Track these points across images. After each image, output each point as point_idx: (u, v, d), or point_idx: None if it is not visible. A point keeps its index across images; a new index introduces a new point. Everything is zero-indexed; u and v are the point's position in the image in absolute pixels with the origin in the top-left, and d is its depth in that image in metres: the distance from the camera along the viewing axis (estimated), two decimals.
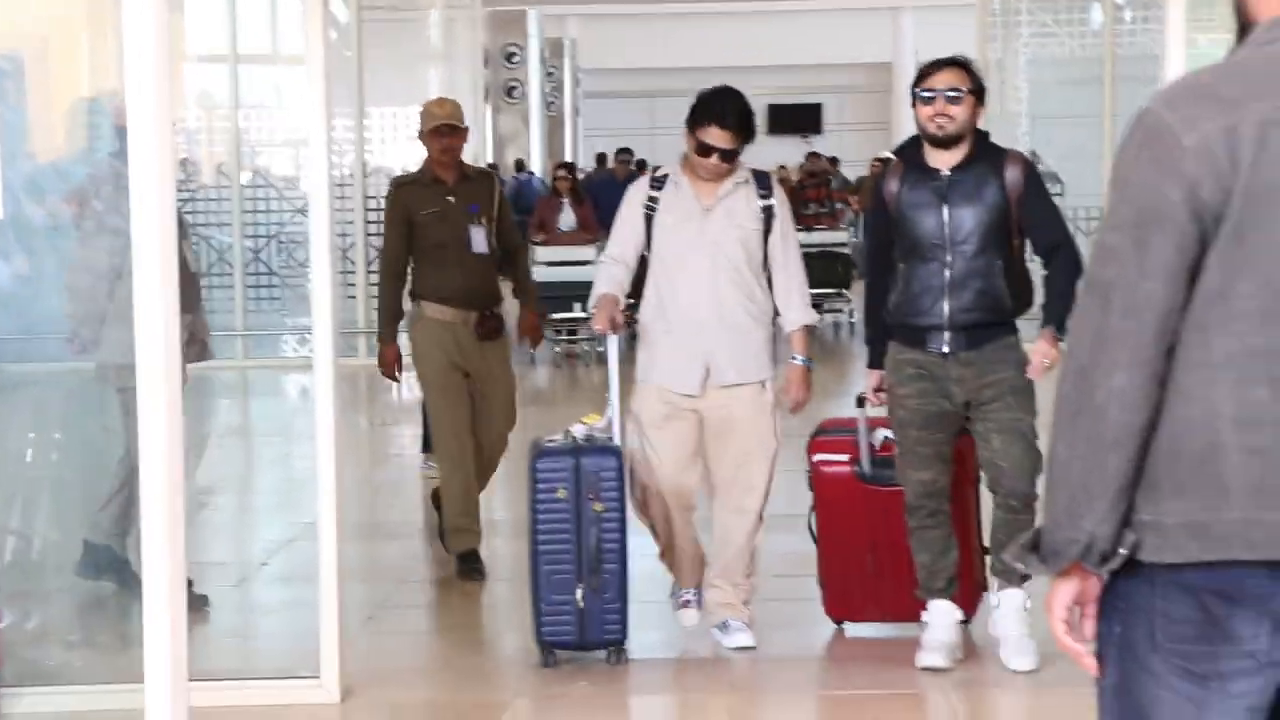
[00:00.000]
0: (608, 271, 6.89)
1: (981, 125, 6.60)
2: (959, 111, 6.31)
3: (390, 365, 8.47)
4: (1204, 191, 2.84)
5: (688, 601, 6.99)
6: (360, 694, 6.79)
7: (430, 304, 8.13)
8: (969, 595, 6.63)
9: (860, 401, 6.78)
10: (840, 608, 7.13)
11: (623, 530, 6.70)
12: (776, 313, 6.87)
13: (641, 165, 23.74)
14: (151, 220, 4.39)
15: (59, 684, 6.44)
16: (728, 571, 6.85)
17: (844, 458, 6.95)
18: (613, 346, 7.16)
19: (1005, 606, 6.37)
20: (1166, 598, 2.94)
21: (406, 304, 8.40)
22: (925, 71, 6.49)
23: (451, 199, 8.23)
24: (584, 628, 6.68)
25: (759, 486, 6.81)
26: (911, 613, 6.68)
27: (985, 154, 6.45)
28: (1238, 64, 3.08)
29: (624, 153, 24.61)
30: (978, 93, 6.45)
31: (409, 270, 8.32)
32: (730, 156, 6.64)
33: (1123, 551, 2.90)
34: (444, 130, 8.40)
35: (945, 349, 6.28)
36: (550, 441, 6.77)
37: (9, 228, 6.36)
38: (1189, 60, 6.82)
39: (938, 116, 6.20)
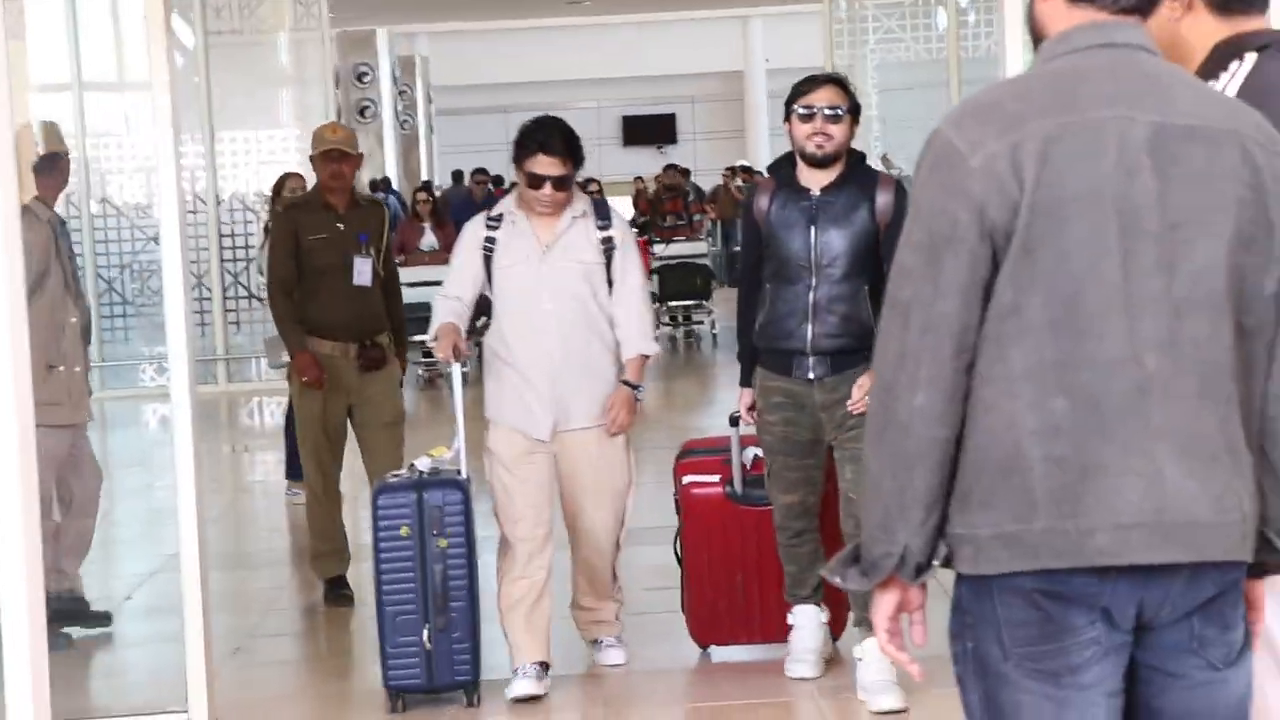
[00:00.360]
0: (447, 305, 6.80)
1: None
2: (838, 131, 6.25)
3: (310, 368, 8.15)
4: (992, 211, 2.95)
5: (521, 675, 6.69)
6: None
7: (311, 338, 8.03)
8: (837, 614, 6.67)
9: (734, 421, 6.70)
10: (707, 632, 7.13)
11: (471, 565, 6.64)
12: None
13: (499, 182, 23.86)
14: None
15: None
16: (595, 586, 6.87)
17: (714, 478, 6.94)
18: (456, 376, 7.12)
19: (868, 656, 6.30)
20: (1005, 605, 3.03)
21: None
22: (803, 88, 6.35)
23: (340, 226, 8.18)
24: (432, 670, 6.61)
25: (614, 525, 6.84)
26: (781, 634, 6.69)
27: (857, 176, 6.41)
28: (1024, 81, 3.26)
29: (480, 172, 24.76)
30: (854, 111, 6.39)
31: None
32: (563, 184, 6.60)
33: (936, 563, 3.02)
34: (334, 155, 8.35)
35: (810, 374, 6.24)
36: (394, 476, 6.77)
37: None
38: (1028, 62, 6.89)
39: (816, 135, 6.14)
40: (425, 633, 6.50)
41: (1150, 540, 3.03)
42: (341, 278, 7.94)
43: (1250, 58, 3.67)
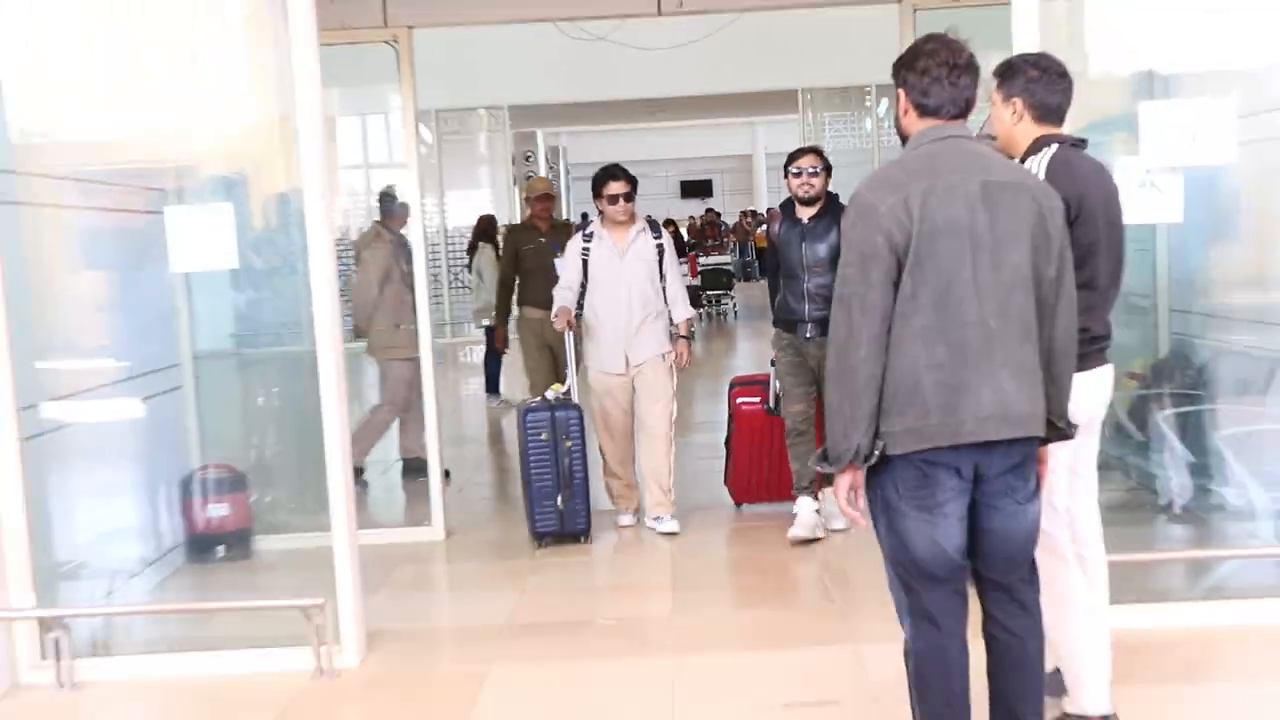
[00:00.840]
0: (561, 294, 8.36)
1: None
2: (817, 182, 7.87)
3: (501, 339, 11.83)
4: (895, 238, 3.96)
5: (623, 515, 8.64)
6: (458, 534, 8.72)
7: (529, 307, 10.32)
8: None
9: (773, 362, 8.16)
10: (742, 494, 8.98)
11: (584, 459, 8.20)
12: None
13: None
14: (322, 259, 6.04)
15: (287, 532, 7.84)
16: (657, 477, 8.42)
17: (756, 400, 8.70)
18: (569, 339, 8.53)
19: (802, 509, 7.99)
20: (901, 469, 4.07)
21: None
22: (794, 156, 8.01)
23: (543, 240, 10.58)
24: (563, 521, 8.16)
25: (664, 418, 8.42)
26: (787, 495, 8.30)
27: (832, 209, 7.78)
28: (903, 161, 4.22)
29: (584, 216, 28.90)
30: (828, 169, 7.98)
31: (515, 284, 10.76)
32: (628, 198, 8.34)
33: (876, 453, 4.02)
34: (544, 196, 11.20)
35: (807, 335, 7.80)
36: (532, 403, 8.40)
37: (242, 273, 7.24)
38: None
39: (803, 185, 7.88)
40: (559, 499, 8.11)
41: (999, 426, 4.01)
42: (545, 274, 9.53)
43: (1052, 148, 4.66)
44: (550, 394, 8.30)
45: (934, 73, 4.11)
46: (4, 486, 6.15)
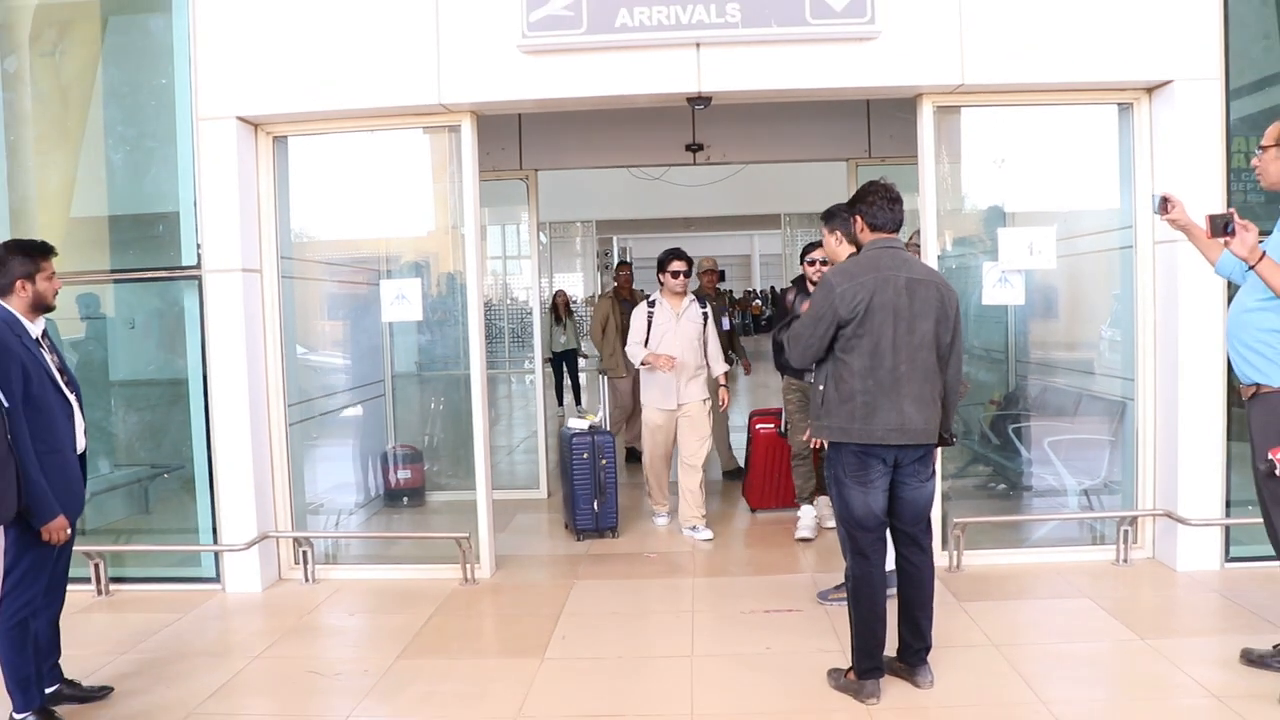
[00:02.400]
0: (635, 348, 7.24)
1: None
2: (823, 269, 6.47)
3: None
4: (840, 311, 4.24)
5: (659, 516, 7.59)
6: (556, 494, 8.38)
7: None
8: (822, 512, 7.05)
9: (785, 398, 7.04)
10: (757, 501, 7.85)
11: (615, 474, 7.29)
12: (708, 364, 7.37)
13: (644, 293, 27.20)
14: (474, 315, 6.27)
15: (447, 490, 7.53)
16: (693, 496, 7.26)
17: (771, 424, 7.69)
18: (604, 382, 8.39)
19: (804, 515, 7.05)
20: (847, 455, 4.33)
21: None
22: (806, 250, 6.84)
23: (629, 303, 9.09)
24: (597, 520, 7.25)
25: (701, 454, 7.29)
26: (790, 502, 7.41)
27: None
28: (859, 259, 4.39)
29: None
30: (826, 261, 6.39)
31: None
32: (686, 274, 7.33)
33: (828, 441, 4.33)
34: (627, 273, 10.10)
35: (809, 379, 6.11)
36: (576, 429, 7.35)
37: (424, 323, 6.98)
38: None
39: (815, 271, 6.64)
40: (595, 503, 7.24)
41: (898, 435, 4.25)
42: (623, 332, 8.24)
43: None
44: (587, 422, 7.44)
45: (879, 204, 4.39)
46: (276, 456, 6.40)
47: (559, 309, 14.26)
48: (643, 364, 7.22)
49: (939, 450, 4.60)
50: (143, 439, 6.58)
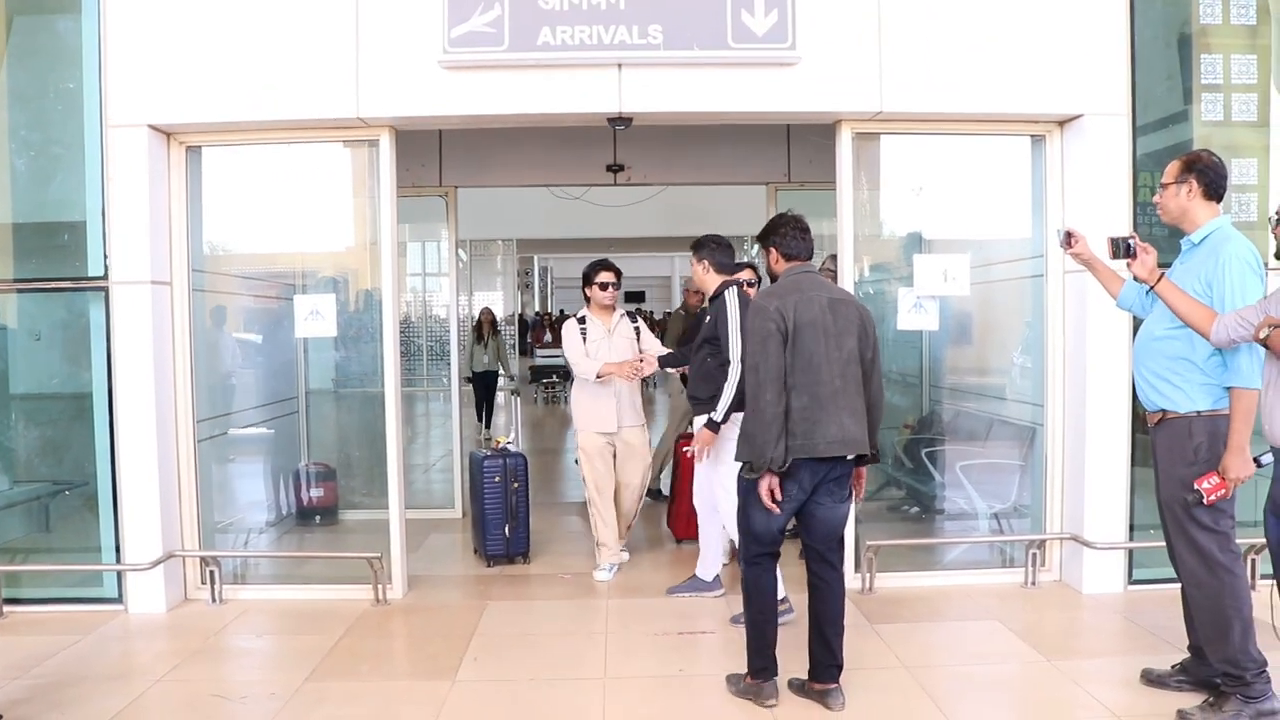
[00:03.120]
0: (589, 363, 6.61)
1: None
2: (750, 290, 6.30)
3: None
4: (782, 325, 4.30)
5: (603, 570, 6.68)
6: (470, 514, 7.88)
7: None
8: None
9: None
10: (684, 532, 7.46)
11: (527, 497, 7.06)
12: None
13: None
14: (390, 332, 6.16)
15: (360, 509, 7.60)
16: (626, 520, 6.89)
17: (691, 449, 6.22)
18: (516, 401, 8.37)
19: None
20: (795, 470, 4.34)
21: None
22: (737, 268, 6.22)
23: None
24: (508, 545, 6.99)
25: (639, 474, 6.81)
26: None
27: None
28: (780, 285, 4.52)
29: (562, 312, 28.34)
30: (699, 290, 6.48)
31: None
32: (616, 286, 6.82)
33: (784, 463, 4.25)
34: (696, 292, 9.07)
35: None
36: (487, 452, 7.05)
37: (339, 339, 6.93)
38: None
39: (750, 288, 6.36)
40: (506, 528, 6.98)
41: (841, 446, 4.32)
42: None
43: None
44: (502, 444, 7.17)
45: (791, 234, 4.56)
46: (184, 472, 6.24)
47: (484, 327, 13.90)
48: (598, 377, 6.61)
49: (864, 472, 4.66)
50: (44, 454, 6.37)
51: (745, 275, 6.38)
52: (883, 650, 5.21)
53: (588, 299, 6.91)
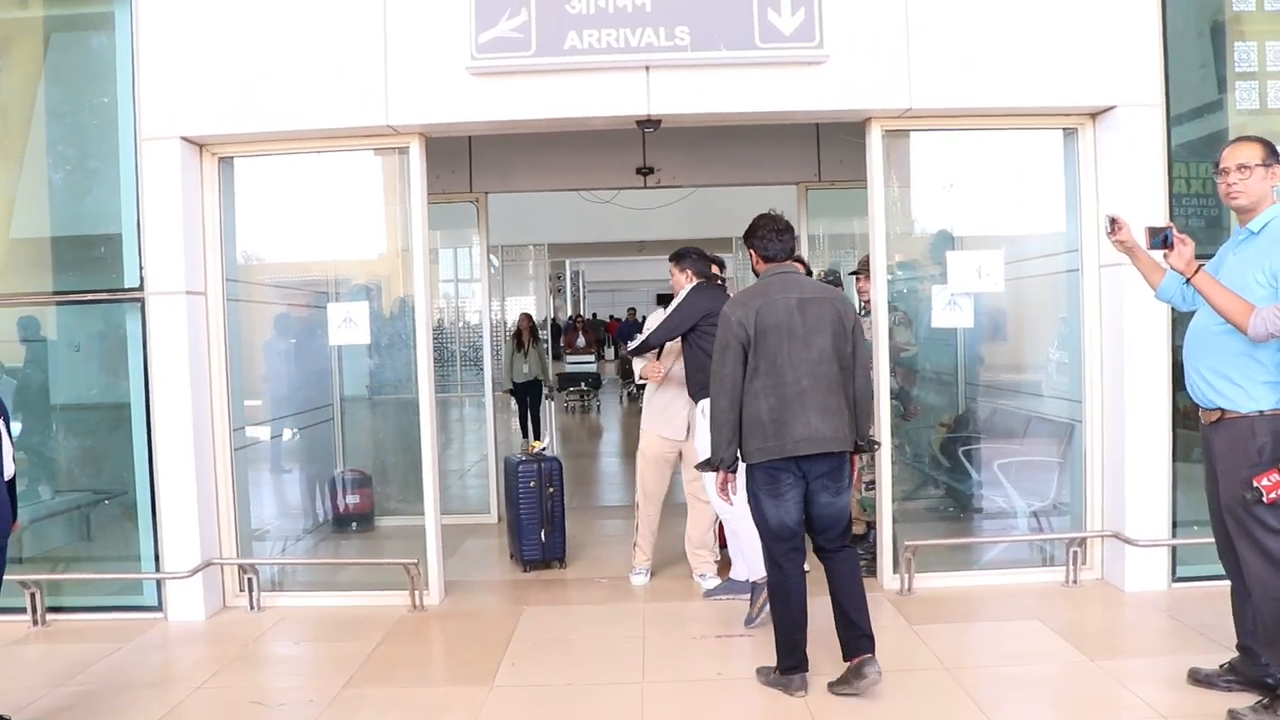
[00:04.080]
0: (639, 362, 6.46)
1: None
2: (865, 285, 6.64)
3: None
4: (741, 336, 4.48)
5: (639, 573, 6.58)
6: (505, 519, 8.07)
7: None
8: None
9: None
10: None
11: (563, 501, 6.97)
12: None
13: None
14: (423, 339, 6.18)
15: (396, 515, 7.66)
16: (702, 540, 6.42)
17: None
18: (550, 406, 8.27)
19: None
20: (760, 471, 4.52)
21: None
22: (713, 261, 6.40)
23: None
24: (545, 550, 6.92)
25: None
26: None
27: None
28: (751, 288, 4.63)
29: (594, 315, 28.31)
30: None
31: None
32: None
33: (738, 463, 4.53)
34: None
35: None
36: (523, 456, 7.02)
37: (373, 346, 7.00)
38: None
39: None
40: (542, 533, 6.92)
41: (808, 445, 4.44)
42: None
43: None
44: (536, 449, 7.11)
45: (768, 236, 4.68)
46: (221, 480, 6.28)
47: (523, 334, 12.86)
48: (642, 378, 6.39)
49: (857, 461, 4.78)
50: (84, 464, 6.44)
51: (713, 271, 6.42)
52: (921, 650, 5.16)
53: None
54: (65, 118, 6.16)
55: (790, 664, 4.64)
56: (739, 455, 4.52)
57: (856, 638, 4.53)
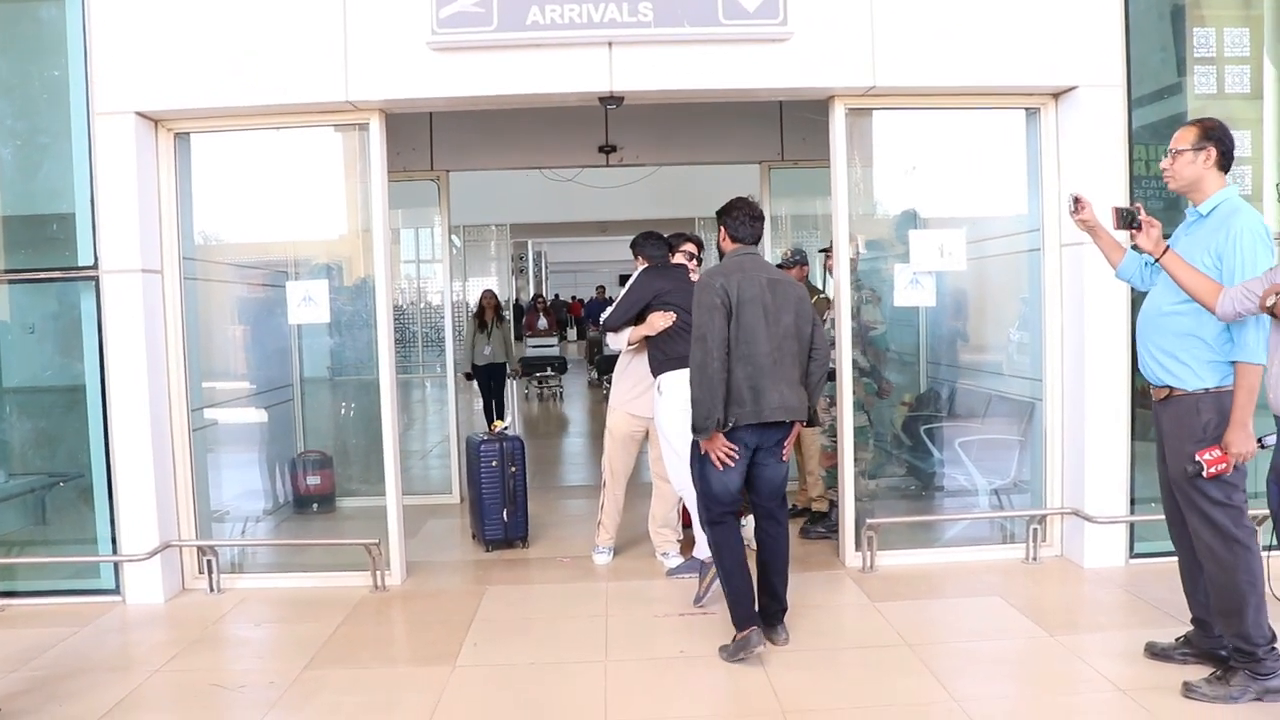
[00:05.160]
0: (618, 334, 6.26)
1: None
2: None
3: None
4: (726, 299, 4.66)
5: (602, 552, 6.61)
6: (468, 499, 8.02)
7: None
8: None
9: None
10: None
11: (525, 481, 6.96)
12: None
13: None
14: (384, 319, 6.08)
15: (357, 496, 7.63)
16: (665, 519, 6.48)
17: None
18: (513, 387, 8.21)
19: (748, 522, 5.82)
20: (736, 433, 4.71)
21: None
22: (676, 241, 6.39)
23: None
24: (507, 530, 6.89)
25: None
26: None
27: None
28: (724, 264, 4.84)
29: (600, 289, 28.24)
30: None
31: None
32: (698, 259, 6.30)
33: (725, 425, 4.65)
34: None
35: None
36: (484, 436, 6.93)
37: (333, 325, 6.96)
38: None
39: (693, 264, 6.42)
40: (504, 513, 6.88)
41: (780, 412, 4.67)
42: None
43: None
44: (498, 427, 7.06)
45: (741, 219, 4.90)
46: (179, 462, 6.21)
47: (486, 312, 11.93)
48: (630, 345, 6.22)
49: (799, 427, 4.91)
50: (39, 447, 6.35)
51: (689, 248, 6.31)
52: (884, 628, 5.20)
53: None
54: (14, 91, 6.03)
55: (743, 614, 4.77)
56: (726, 418, 4.64)
57: (776, 611, 4.90)
